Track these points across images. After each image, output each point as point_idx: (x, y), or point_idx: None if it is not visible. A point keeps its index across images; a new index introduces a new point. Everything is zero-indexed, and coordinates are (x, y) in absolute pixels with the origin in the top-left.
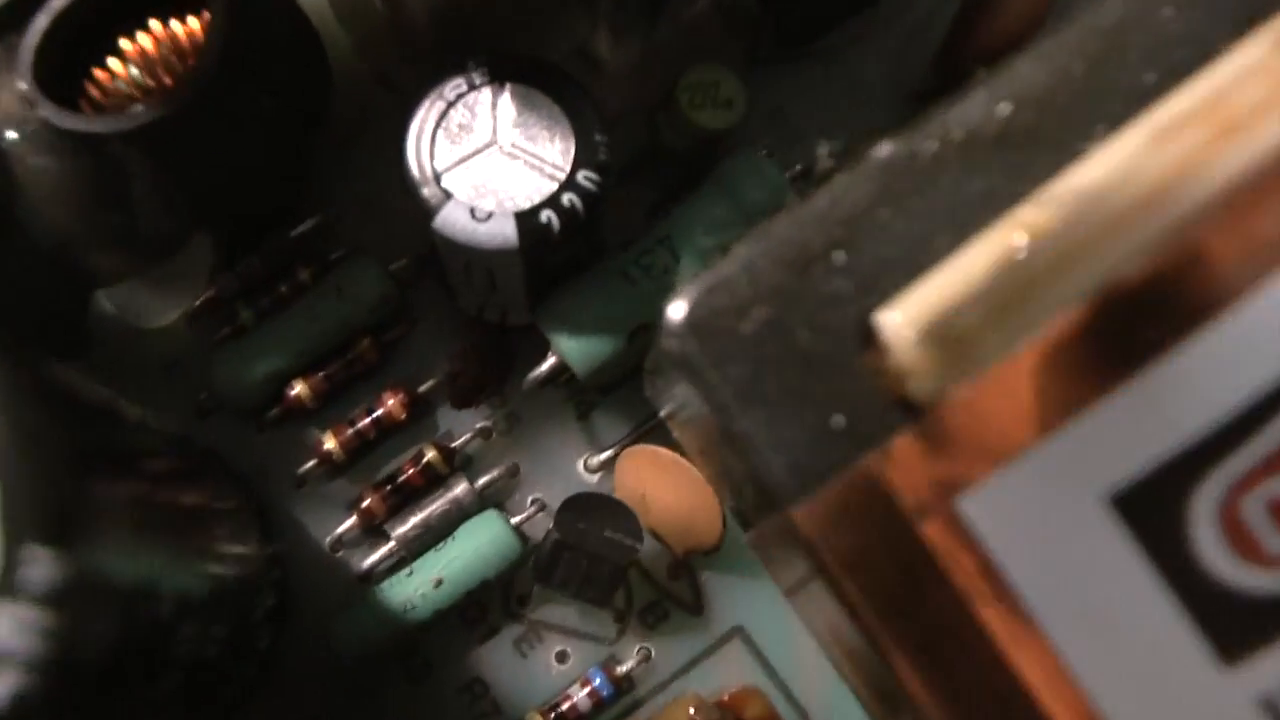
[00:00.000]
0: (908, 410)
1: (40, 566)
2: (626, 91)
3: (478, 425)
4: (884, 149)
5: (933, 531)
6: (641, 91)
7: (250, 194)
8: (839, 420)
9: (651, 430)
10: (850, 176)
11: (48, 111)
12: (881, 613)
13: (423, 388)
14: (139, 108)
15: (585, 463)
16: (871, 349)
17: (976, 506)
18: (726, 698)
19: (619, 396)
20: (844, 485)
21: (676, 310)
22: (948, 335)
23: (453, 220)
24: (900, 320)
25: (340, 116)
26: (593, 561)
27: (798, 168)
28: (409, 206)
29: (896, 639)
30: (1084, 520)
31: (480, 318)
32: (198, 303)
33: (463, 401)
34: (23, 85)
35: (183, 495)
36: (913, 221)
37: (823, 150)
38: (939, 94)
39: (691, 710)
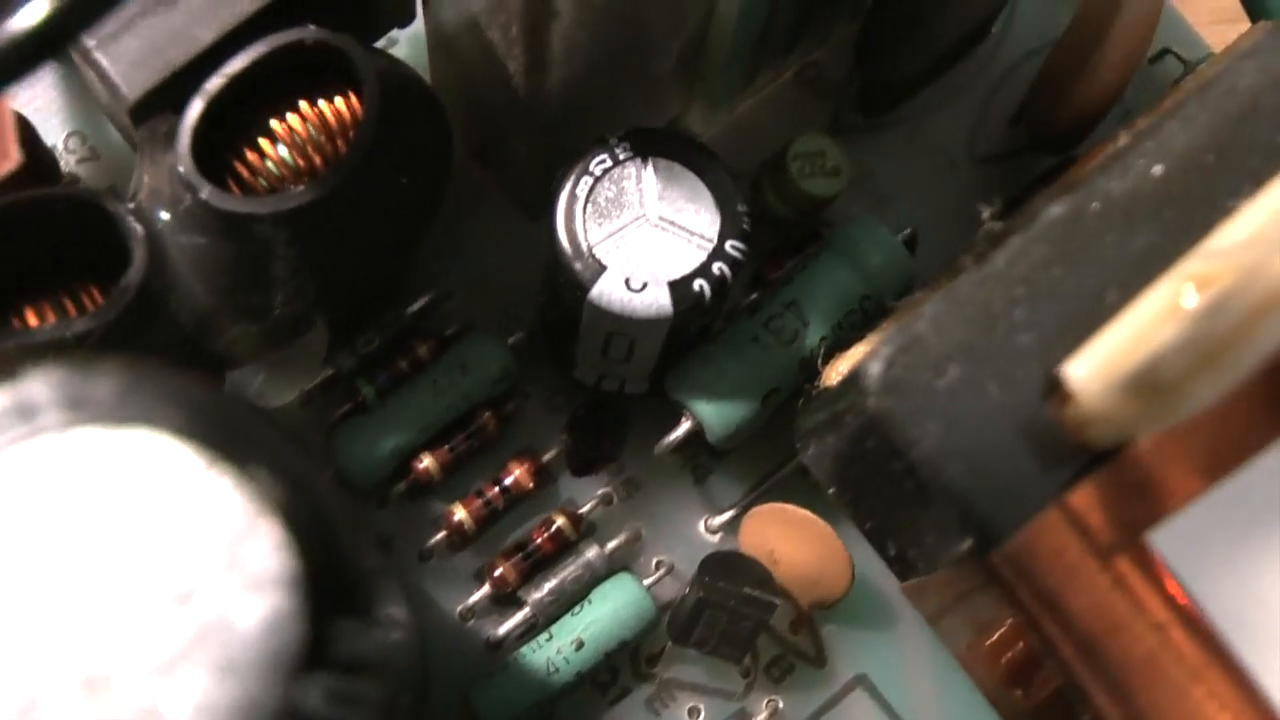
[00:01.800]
0: (1096, 455)
1: (353, 637)
2: None
3: (599, 492)
4: (1054, 210)
5: (1124, 567)
6: (731, 159)
7: (374, 273)
8: (1032, 466)
9: (768, 490)
10: (1024, 237)
11: (208, 194)
12: (1079, 648)
13: (546, 457)
14: (296, 189)
15: (706, 524)
16: (1058, 399)
17: (1167, 541)
18: None
19: (734, 459)
20: (1039, 527)
21: (874, 368)
22: (1144, 386)
23: (608, 291)
24: (1085, 373)
25: None
26: (733, 619)
27: (907, 231)
28: (517, 281)
29: (1093, 673)
30: (1276, 550)
31: (598, 387)
32: (317, 381)
33: (583, 469)
34: (182, 169)
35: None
36: (1084, 278)
37: (985, 213)
38: (1016, 156)
39: None
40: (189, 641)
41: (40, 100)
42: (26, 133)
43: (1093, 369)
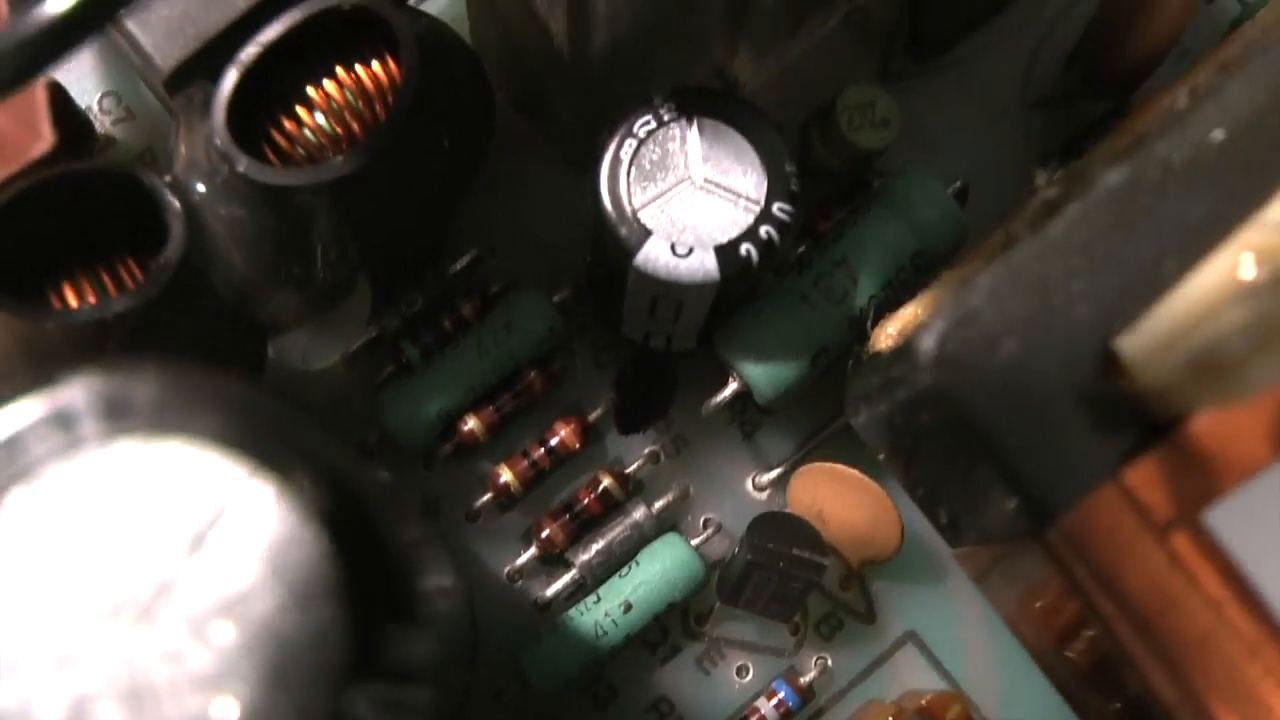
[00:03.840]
0: (1154, 429)
1: (403, 645)
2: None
3: (646, 450)
4: (1112, 177)
5: (1180, 544)
6: (778, 108)
7: (417, 235)
8: (1089, 441)
9: (817, 448)
10: (1081, 205)
11: (246, 166)
12: (1134, 624)
13: (592, 416)
14: (336, 159)
15: (754, 481)
16: (1116, 372)
17: (1224, 519)
18: (924, 703)
19: (782, 416)
20: (1097, 502)
21: (928, 343)
22: (1202, 364)
23: (654, 257)
24: (1139, 348)
25: None
26: (783, 579)
27: (957, 184)
28: (562, 236)
29: (1148, 650)
30: None
31: (645, 344)
32: (361, 343)
33: (630, 428)
34: (218, 141)
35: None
36: (1143, 246)
37: (1040, 179)
38: (1069, 101)
39: (890, 718)
40: (236, 653)
41: (73, 61)
42: (59, 99)
43: (1148, 344)
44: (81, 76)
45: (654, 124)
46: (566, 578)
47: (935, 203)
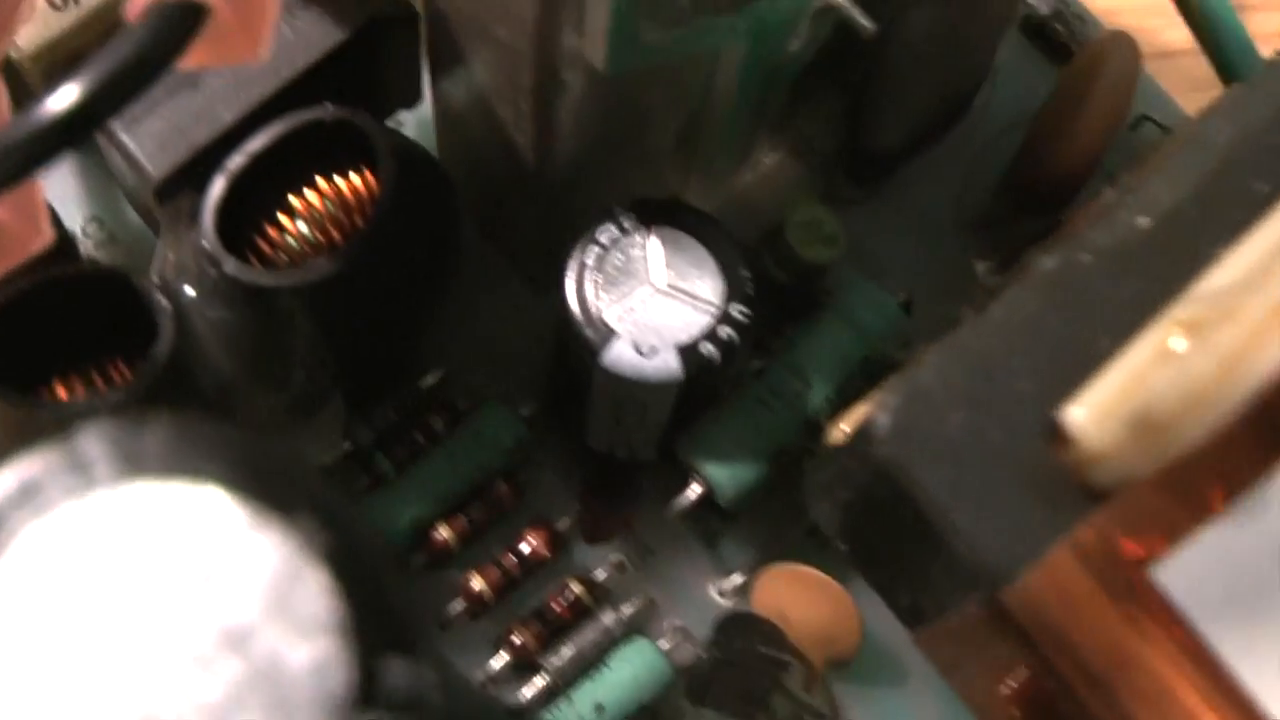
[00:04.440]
0: (1097, 495)
1: (402, 675)
2: None
3: (613, 559)
4: (1046, 262)
5: (1132, 603)
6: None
7: (390, 346)
8: (1037, 508)
9: (778, 554)
10: (1018, 289)
11: (232, 268)
12: (1091, 684)
13: (561, 525)
14: (319, 261)
15: (718, 588)
16: (1059, 442)
17: (1172, 576)
18: None
19: (742, 522)
20: (1047, 566)
21: (882, 418)
22: (1139, 425)
23: (619, 356)
24: (1082, 416)
25: None
26: (749, 677)
27: (900, 296)
28: (526, 353)
29: (1108, 709)
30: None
31: (610, 455)
32: (336, 456)
33: (596, 537)
34: (206, 244)
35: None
36: (1078, 326)
37: (980, 268)
38: (1000, 222)
39: None
40: (241, 686)
41: (58, 187)
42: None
43: (1089, 412)
44: (65, 202)
45: (616, 232)
46: (539, 682)
47: (881, 311)
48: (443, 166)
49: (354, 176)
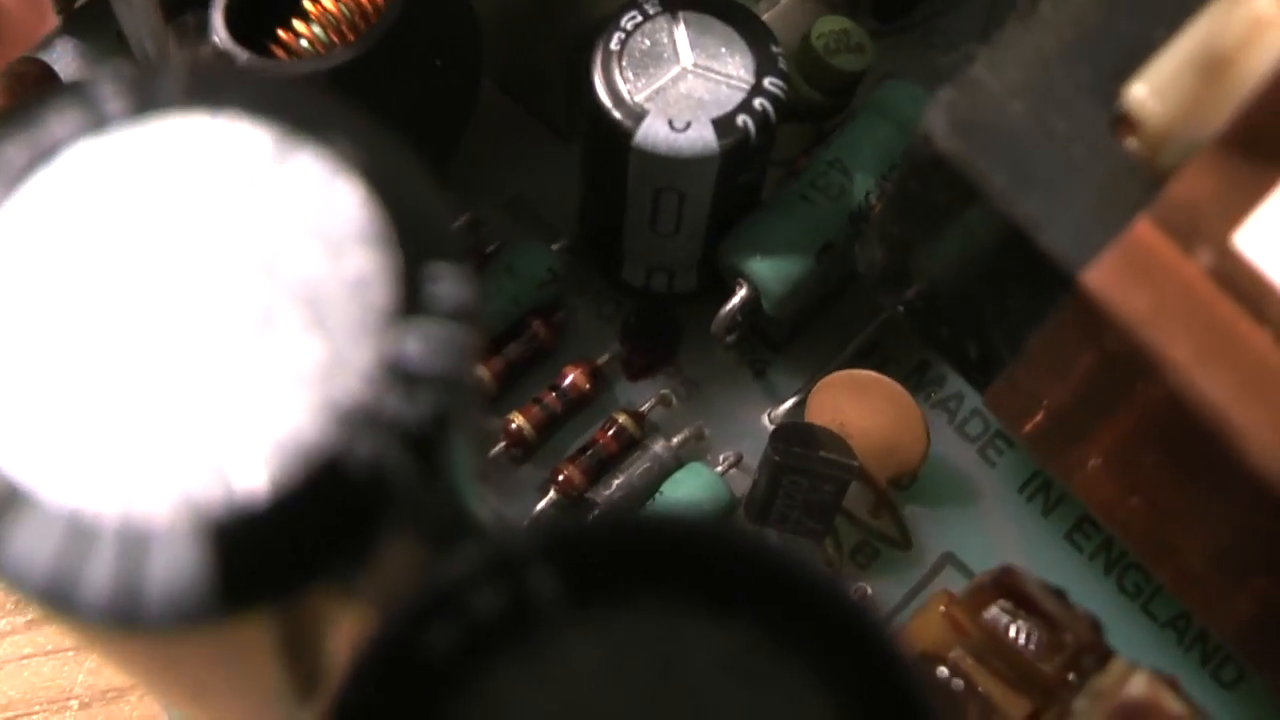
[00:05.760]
0: (1164, 174)
1: (446, 282)
2: None
3: (659, 392)
4: None
5: (1215, 272)
6: None
7: None
8: (1109, 192)
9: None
10: None
11: (248, 61)
12: (1191, 356)
13: (600, 360)
14: (336, 49)
15: (769, 416)
16: (1125, 128)
17: (1251, 239)
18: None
19: (789, 352)
20: (1125, 247)
21: (937, 114)
22: (1198, 70)
23: (653, 134)
24: (1144, 90)
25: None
26: (814, 484)
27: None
28: (553, 200)
29: (1209, 383)
30: None
31: (646, 288)
32: None
33: (638, 373)
34: (218, 39)
35: None
36: (1133, 19)
37: None
38: None
39: (942, 607)
40: (275, 307)
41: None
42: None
43: (1151, 84)
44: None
45: (640, 18)
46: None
47: (920, 103)
48: None
49: None
